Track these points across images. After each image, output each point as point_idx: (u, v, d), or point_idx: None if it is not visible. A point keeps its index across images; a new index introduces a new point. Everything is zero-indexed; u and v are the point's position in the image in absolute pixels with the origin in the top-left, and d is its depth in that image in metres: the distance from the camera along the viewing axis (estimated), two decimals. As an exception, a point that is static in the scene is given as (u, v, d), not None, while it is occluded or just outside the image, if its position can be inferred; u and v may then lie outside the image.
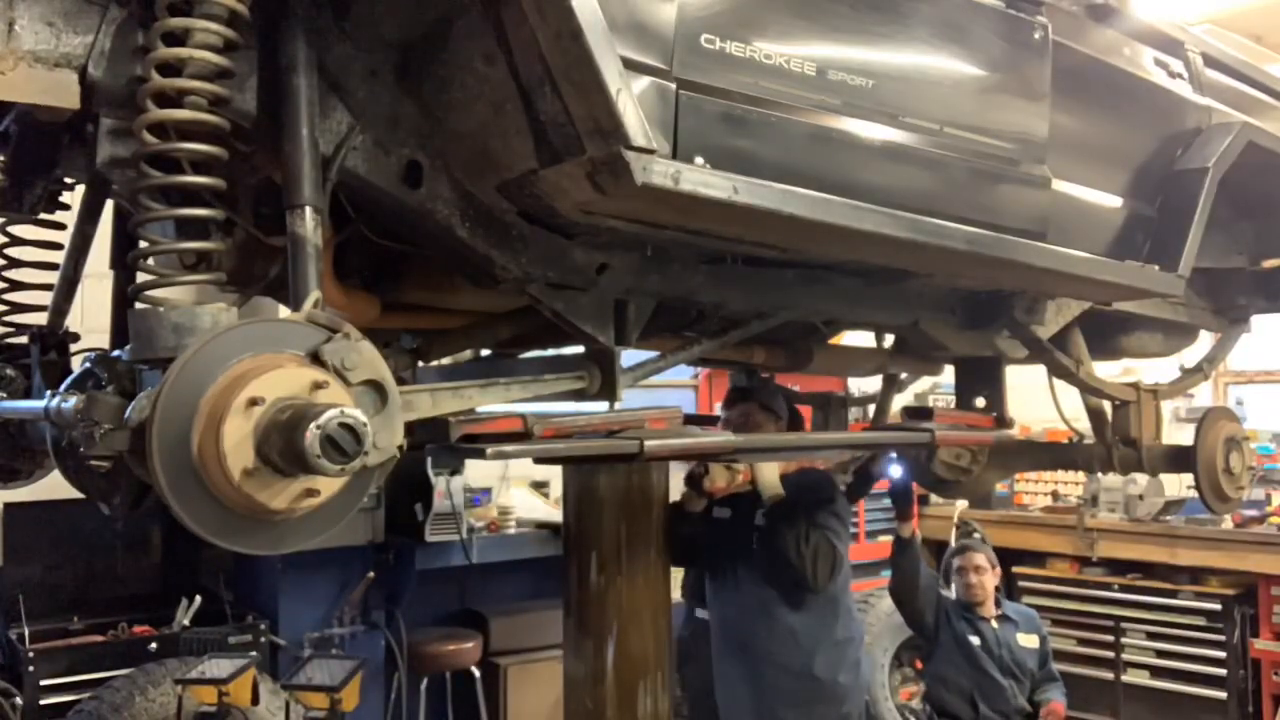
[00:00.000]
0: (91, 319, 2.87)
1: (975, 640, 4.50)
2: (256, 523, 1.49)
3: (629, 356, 2.34)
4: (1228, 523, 6.08)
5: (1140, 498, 6.41)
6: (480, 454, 2.09)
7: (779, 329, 2.80)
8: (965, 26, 2.24)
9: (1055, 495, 7.35)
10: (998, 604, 4.68)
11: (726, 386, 4.05)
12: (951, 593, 4.81)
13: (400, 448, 1.60)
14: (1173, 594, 6.23)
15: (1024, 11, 2.34)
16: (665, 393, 6.26)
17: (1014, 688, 4.52)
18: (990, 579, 4.68)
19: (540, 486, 6.02)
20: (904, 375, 3.93)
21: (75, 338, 2.56)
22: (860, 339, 3.80)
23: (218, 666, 3.86)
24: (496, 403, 2.09)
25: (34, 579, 4.69)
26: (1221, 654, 5.99)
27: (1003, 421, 3.31)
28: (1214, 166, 2.82)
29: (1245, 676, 5.94)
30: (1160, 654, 6.24)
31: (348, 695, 3.86)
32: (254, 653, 4.29)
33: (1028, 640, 4.65)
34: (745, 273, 2.48)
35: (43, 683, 4.16)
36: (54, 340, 2.52)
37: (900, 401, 4.11)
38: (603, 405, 2.32)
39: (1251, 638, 5.90)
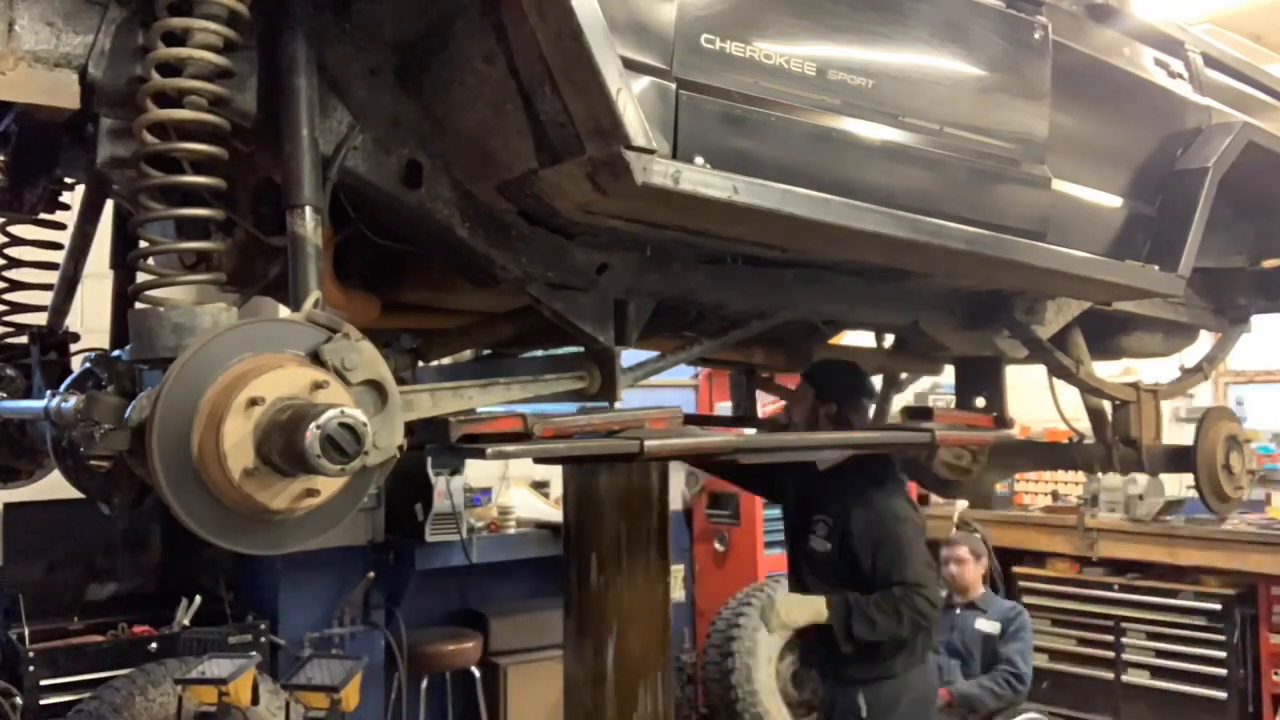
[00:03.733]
0: (91, 319, 2.87)
1: None
2: (256, 523, 1.49)
3: (629, 356, 2.34)
4: (1228, 523, 6.09)
5: (1140, 498, 6.40)
6: (480, 454, 2.09)
7: (779, 329, 2.80)
8: (965, 26, 2.24)
9: (1055, 495, 7.35)
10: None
11: (727, 386, 4.05)
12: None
13: (400, 448, 1.60)
14: (1173, 594, 6.23)
15: (1024, 11, 2.34)
16: (665, 393, 6.26)
17: (951, 665, 4.72)
18: (972, 568, 4.94)
19: (540, 486, 6.02)
20: (904, 375, 3.93)
21: (75, 338, 2.56)
22: (860, 339, 3.80)
23: (218, 666, 3.86)
24: (496, 403, 2.09)
25: (34, 579, 4.68)
26: (1221, 654, 5.98)
27: (1003, 421, 3.31)
28: (1214, 166, 2.82)
29: (1245, 676, 5.94)
30: (1160, 654, 6.24)
31: (348, 695, 3.86)
32: (254, 653, 4.29)
33: (987, 626, 4.83)
34: (745, 273, 2.48)
35: (43, 683, 4.16)
36: (54, 340, 2.52)
37: (900, 401, 4.11)
38: (603, 405, 2.32)
39: (1268, 634, 5.89)
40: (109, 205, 2.43)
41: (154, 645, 4.35)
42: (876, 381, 3.95)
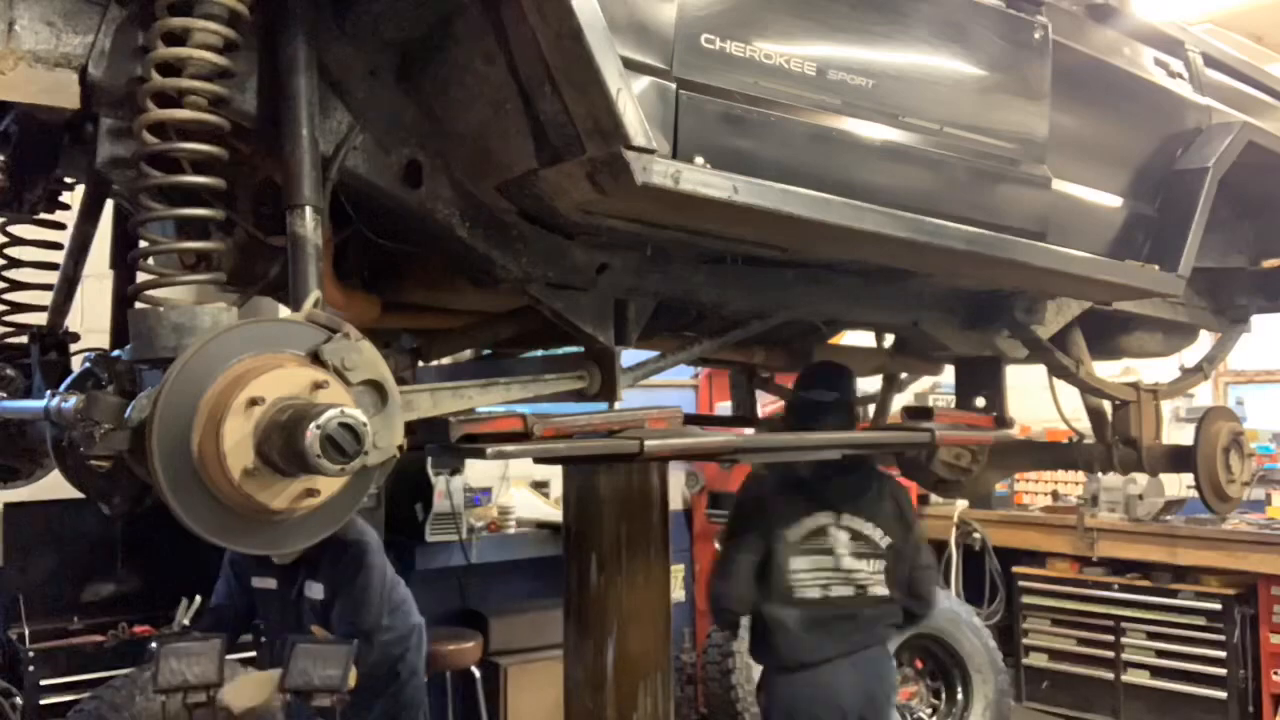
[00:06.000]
0: (91, 319, 2.87)
1: None
2: (256, 523, 1.49)
3: (629, 356, 2.34)
4: (1228, 523, 6.09)
5: (1140, 498, 6.40)
6: (480, 454, 2.09)
7: (779, 329, 2.80)
8: (965, 26, 2.24)
9: (1055, 495, 7.35)
10: None
11: (727, 386, 4.05)
12: None
13: (400, 448, 1.60)
14: (1173, 594, 6.23)
15: (1024, 11, 2.34)
16: (665, 393, 6.26)
17: None
18: None
19: (540, 486, 6.02)
20: (904, 375, 3.93)
21: (75, 338, 2.56)
22: (860, 339, 3.80)
23: (191, 662, 3.80)
24: (496, 403, 2.09)
25: (34, 579, 4.68)
26: (1221, 654, 5.99)
27: (1003, 421, 3.31)
28: (1214, 166, 2.82)
29: (1245, 676, 5.94)
30: (1160, 654, 6.24)
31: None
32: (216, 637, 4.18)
33: None
34: (745, 273, 2.48)
35: (43, 683, 4.15)
36: (54, 340, 2.52)
37: (900, 401, 4.11)
38: (603, 405, 2.32)
39: (1268, 634, 5.89)
40: (109, 205, 2.43)
41: (154, 645, 4.34)
42: (876, 382, 3.96)
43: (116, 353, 1.80)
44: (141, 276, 1.70)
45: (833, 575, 3.42)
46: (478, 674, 5.18)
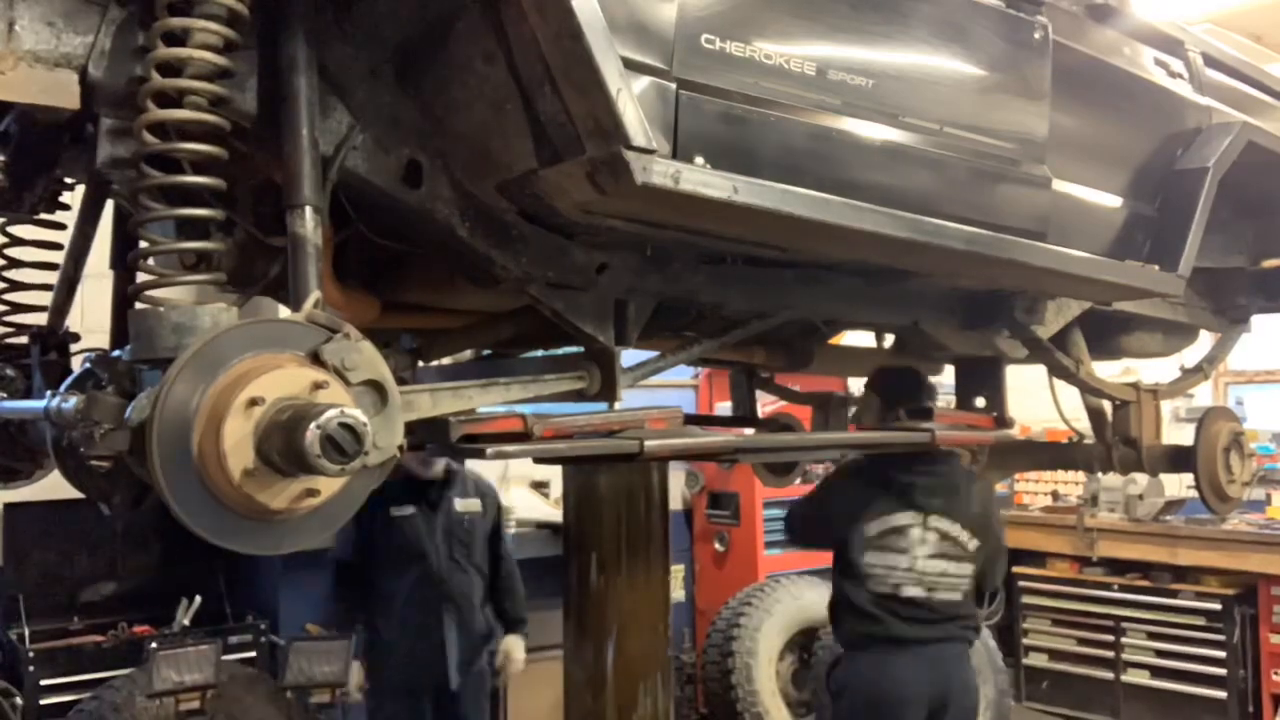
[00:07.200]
0: (91, 319, 2.87)
1: None
2: (256, 523, 1.49)
3: (629, 356, 2.34)
4: (1228, 523, 6.09)
5: (1140, 498, 6.41)
6: (480, 454, 2.09)
7: (779, 329, 2.80)
8: (965, 26, 2.24)
9: (1055, 495, 7.35)
10: None
11: (727, 386, 4.05)
12: None
13: (400, 448, 1.60)
14: (1173, 594, 6.23)
15: (1024, 11, 2.34)
16: (665, 393, 6.25)
17: None
18: None
19: (540, 486, 6.02)
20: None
21: (75, 338, 2.56)
22: (860, 339, 3.80)
23: (187, 663, 3.82)
24: (496, 403, 2.09)
25: (34, 579, 4.69)
26: (1222, 654, 5.99)
27: (1003, 421, 3.31)
28: (1214, 166, 2.82)
29: (1245, 676, 5.95)
30: (1160, 654, 6.25)
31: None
32: (215, 639, 4.20)
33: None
34: (745, 273, 2.48)
35: (43, 683, 4.16)
36: (54, 340, 2.52)
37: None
38: (603, 405, 2.32)
39: (1268, 634, 5.89)
40: (109, 205, 2.43)
41: (154, 645, 4.34)
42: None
43: (116, 353, 1.80)
44: (141, 276, 1.70)
45: (905, 575, 3.40)
46: (478, 674, 5.17)
